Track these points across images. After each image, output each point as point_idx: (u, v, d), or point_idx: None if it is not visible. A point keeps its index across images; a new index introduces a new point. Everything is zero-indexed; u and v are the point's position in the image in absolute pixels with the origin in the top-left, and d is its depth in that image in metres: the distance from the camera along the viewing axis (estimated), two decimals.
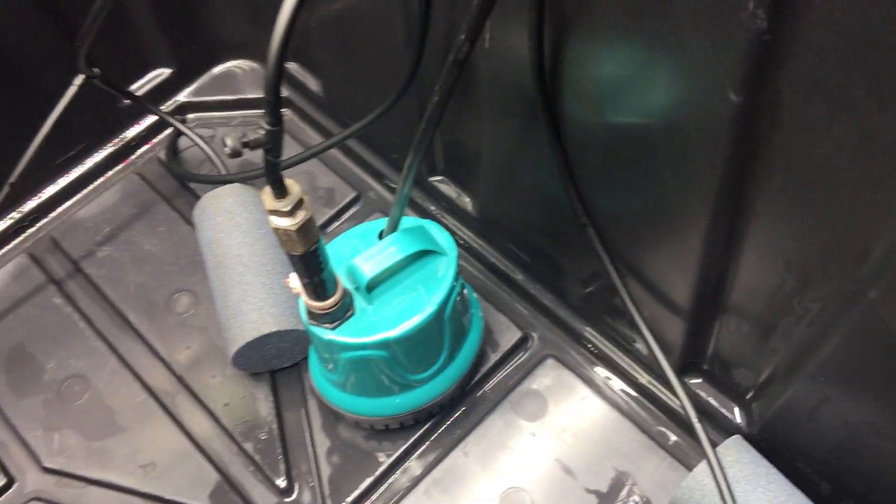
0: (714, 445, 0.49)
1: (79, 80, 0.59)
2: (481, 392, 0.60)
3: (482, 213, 0.62)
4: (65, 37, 0.63)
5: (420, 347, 0.50)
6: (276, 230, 0.40)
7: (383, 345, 0.48)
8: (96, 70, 0.60)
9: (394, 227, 0.50)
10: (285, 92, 0.75)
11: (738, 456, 0.49)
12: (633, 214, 0.48)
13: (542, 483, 0.56)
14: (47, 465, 0.59)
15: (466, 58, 0.38)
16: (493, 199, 0.60)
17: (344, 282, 0.49)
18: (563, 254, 0.58)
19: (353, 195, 0.70)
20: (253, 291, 0.57)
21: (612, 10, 0.38)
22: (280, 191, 0.38)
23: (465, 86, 0.52)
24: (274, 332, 0.56)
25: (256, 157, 0.71)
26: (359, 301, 0.49)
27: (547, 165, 0.50)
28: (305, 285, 0.45)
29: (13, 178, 0.59)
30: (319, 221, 0.68)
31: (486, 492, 0.56)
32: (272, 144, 0.35)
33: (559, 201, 0.51)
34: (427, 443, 0.58)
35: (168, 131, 0.75)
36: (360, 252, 0.49)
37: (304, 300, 0.47)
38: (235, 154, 0.35)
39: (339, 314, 0.48)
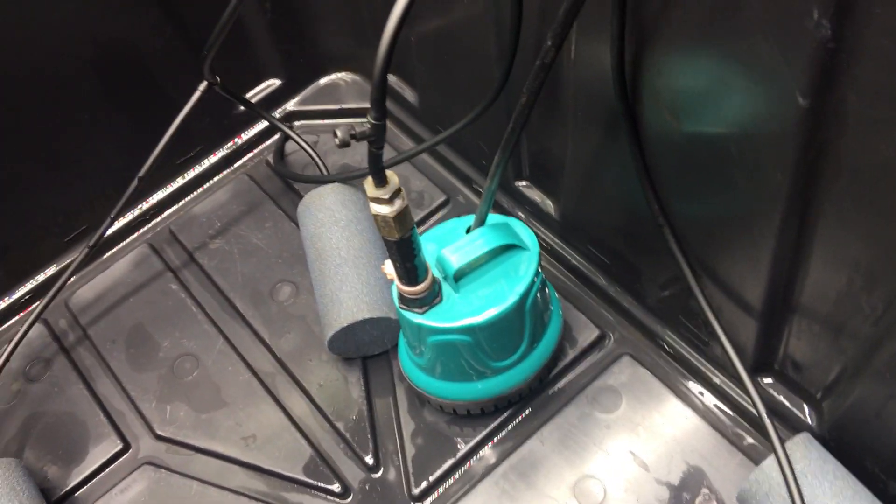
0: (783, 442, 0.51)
1: (202, 86, 0.65)
2: (559, 385, 0.63)
3: (564, 217, 0.66)
4: (191, 48, 0.70)
5: (502, 335, 0.54)
6: (376, 216, 0.45)
7: (468, 330, 0.52)
8: (218, 78, 0.67)
9: (481, 222, 0.54)
10: None
11: (805, 452, 0.50)
12: (707, 217, 0.51)
13: (616, 473, 0.58)
14: (160, 433, 0.65)
15: (552, 62, 0.41)
16: (576, 203, 0.63)
17: (434, 271, 0.53)
18: (641, 257, 0.61)
19: (442, 198, 0.74)
20: (350, 281, 0.62)
21: (688, 19, 0.41)
22: (381, 180, 0.43)
23: (550, 95, 0.56)
24: (368, 319, 0.61)
25: (355, 160, 0.77)
26: (446, 289, 0.53)
27: (627, 170, 0.53)
28: (399, 270, 0.50)
29: (142, 172, 0.66)
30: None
31: (561, 479, 0.59)
32: (376, 137, 0.40)
33: (638, 205, 0.54)
34: (505, 430, 0.62)
35: (276, 136, 0.81)
36: (448, 243, 0.53)
37: (397, 285, 0.51)
38: (344, 144, 0.40)
39: (429, 300, 0.52)
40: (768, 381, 0.56)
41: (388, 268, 0.51)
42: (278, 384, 0.66)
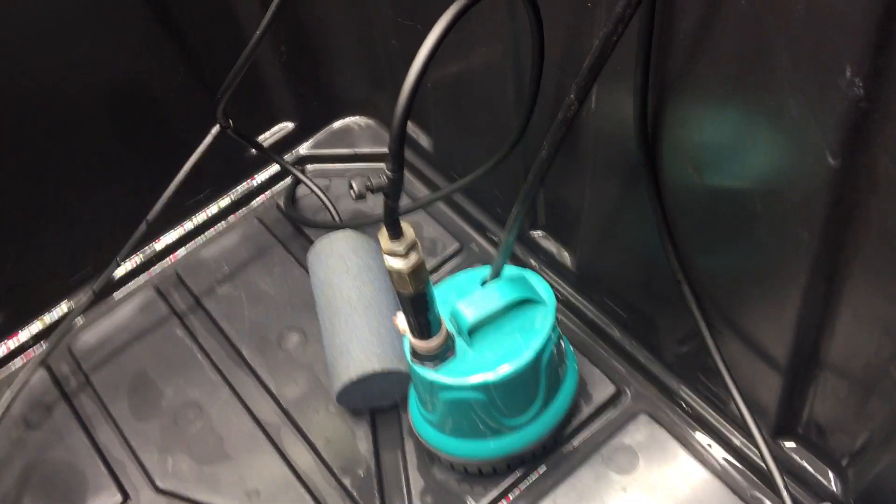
0: None
1: (215, 130, 0.64)
2: (574, 443, 0.61)
3: (581, 268, 0.64)
4: (203, 90, 0.70)
5: (517, 393, 0.52)
6: (390, 270, 0.43)
7: (482, 387, 0.50)
8: (231, 122, 0.66)
9: (496, 275, 0.53)
10: None
11: None
12: (730, 273, 0.50)
13: None
14: (160, 485, 0.63)
15: (575, 116, 0.40)
16: (593, 254, 0.62)
17: (447, 324, 0.51)
18: (659, 311, 0.59)
19: (455, 246, 0.73)
20: (360, 332, 0.61)
21: (714, 74, 0.40)
22: (396, 233, 0.42)
23: (569, 143, 0.54)
24: (378, 372, 0.59)
25: (367, 205, 0.76)
26: (460, 344, 0.52)
27: (646, 222, 0.51)
28: (412, 324, 0.48)
29: (150, 216, 0.65)
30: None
31: None
32: (392, 190, 0.38)
33: (657, 258, 0.53)
34: (518, 490, 0.59)
35: (287, 180, 0.80)
36: (463, 297, 0.52)
37: (410, 339, 0.50)
38: (360, 196, 0.39)
39: (442, 355, 0.50)
40: (791, 444, 0.54)
41: (401, 321, 0.50)
42: (283, 436, 0.64)
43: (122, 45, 0.65)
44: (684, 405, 0.61)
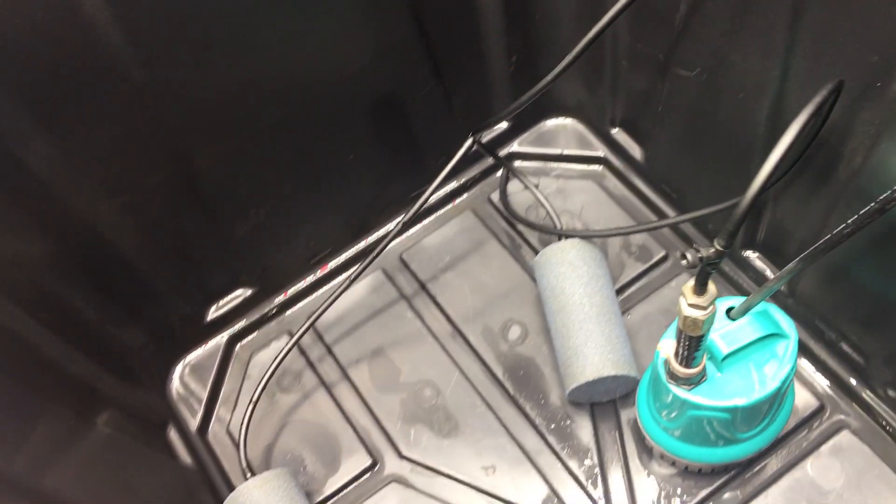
0: None
1: (468, 143, 0.72)
2: (781, 451, 0.68)
3: (793, 294, 0.70)
4: (444, 99, 0.76)
5: (757, 414, 0.59)
6: (687, 317, 0.50)
7: (731, 410, 0.57)
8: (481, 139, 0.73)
9: (746, 311, 0.59)
10: (602, 152, 0.85)
11: None
12: None
13: None
14: (405, 453, 0.73)
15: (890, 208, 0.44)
16: (813, 285, 0.67)
17: None
18: (876, 345, 0.65)
19: (662, 254, 0.79)
20: (594, 337, 0.68)
21: None
22: (704, 290, 0.48)
23: (824, 171, 0.58)
24: (612, 376, 0.66)
25: (574, 206, 0.82)
26: (710, 367, 0.59)
27: (890, 273, 0.57)
28: (680, 354, 0.55)
29: (410, 213, 0.73)
30: (630, 275, 0.78)
31: None
32: (718, 261, 0.45)
33: (887, 303, 0.58)
34: (728, 489, 0.67)
35: (497, 174, 0.87)
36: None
37: (672, 364, 0.57)
38: (692, 266, 0.45)
39: (696, 380, 0.57)
40: None
41: (666, 348, 0.57)
42: (511, 419, 0.73)
43: (388, 60, 0.71)
44: (886, 425, 0.67)
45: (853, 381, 0.69)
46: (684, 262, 0.46)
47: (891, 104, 0.49)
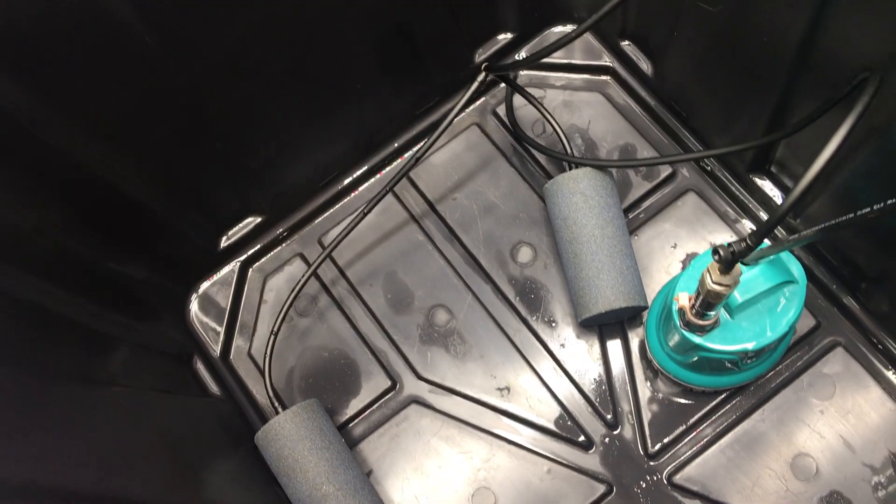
0: None
1: (481, 77, 0.70)
2: (778, 368, 0.72)
3: (804, 218, 0.72)
4: (452, 26, 0.74)
5: (763, 353, 0.63)
6: (711, 290, 0.52)
7: (741, 352, 0.61)
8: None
9: (759, 259, 0.61)
10: (609, 61, 0.84)
11: None
12: None
13: (827, 453, 0.69)
14: (423, 375, 0.76)
15: None
16: (826, 215, 0.69)
17: None
18: (877, 268, 0.68)
19: (668, 172, 0.80)
20: (606, 269, 0.70)
21: None
22: (729, 270, 0.50)
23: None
24: (624, 307, 0.69)
25: (582, 122, 0.81)
26: (722, 314, 0.62)
27: None
28: (696, 309, 0.58)
29: (417, 153, 0.72)
30: (637, 194, 0.79)
31: (779, 454, 0.70)
32: (745, 255, 0.47)
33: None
34: (729, 405, 0.72)
35: (501, 86, 0.85)
36: None
37: (688, 316, 0.60)
38: (725, 262, 0.47)
39: (710, 328, 0.60)
40: None
41: (683, 299, 0.59)
42: (523, 340, 0.76)
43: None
44: (877, 342, 0.71)
45: (848, 301, 0.72)
46: (716, 257, 0.48)
47: None
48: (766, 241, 0.55)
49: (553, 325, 0.76)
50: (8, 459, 0.46)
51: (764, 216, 0.76)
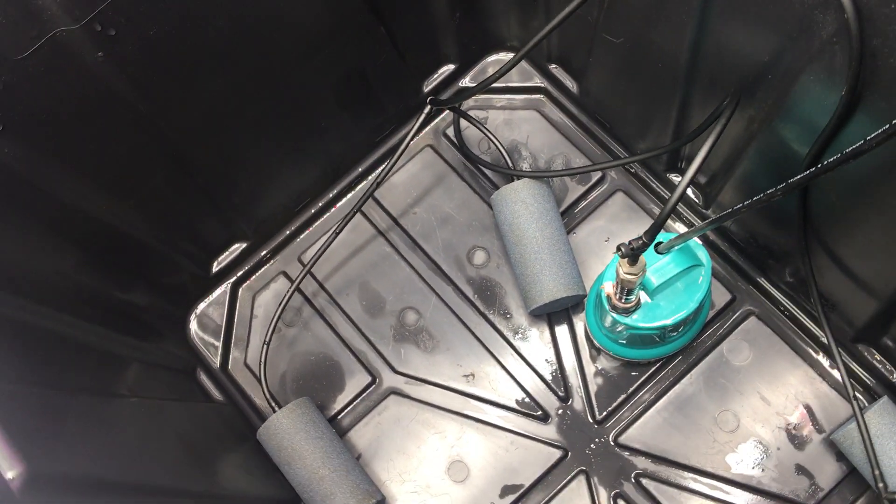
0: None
1: (427, 109, 0.82)
2: (702, 338, 0.84)
3: (715, 205, 0.84)
4: (400, 64, 0.85)
5: (681, 325, 0.75)
6: (622, 279, 0.64)
7: (661, 328, 0.73)
8: (436, 98, 0.82)
9: (670, 248, 0.73)
10: (541, 82, 0.95)
11: (883, 412, 0.72)
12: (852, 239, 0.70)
13: (746, 407, 0.81)
14: (399, 369, 0.88)
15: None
16: (732, 200, 0.80)
17: None
18: (779, 247, 0.79)
19: (598, 176, 0.92)
20: (548, 265, 0.82)
21: None
22: (634, 262, 0.62)
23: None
24: (565, 297, 0.81)
25: (521, 136, 0.93)
26: (643, 296, 0.73)
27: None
28: (618, 294, 0.70)
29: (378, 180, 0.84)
30: (573, 197, 0.91)
31: (706, 411, 0.82)
32: (642, 249, 0.58)
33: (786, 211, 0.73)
34: (662, 373, 0.84)
35: (449, 113, 0.97)
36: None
37: (613, 300, 0.71)
38: (627, 255, 0.58)
39: (633, 310, 0.72)
40: (867, 346, 0.78)
41: (608, 288, 0.71)
42: (484, 331, 0.88)
43: (349, 37, 0.79)
44: (785, 312, 0.83)
45: (758, 276, 0.84)
46: (619, 253, 0.59)
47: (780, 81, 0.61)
48: (676, 233, 0.67)
49: (508, 316, 0.88)
50: (40, 457, 0.55)
51: (682, 209, 0.88)
